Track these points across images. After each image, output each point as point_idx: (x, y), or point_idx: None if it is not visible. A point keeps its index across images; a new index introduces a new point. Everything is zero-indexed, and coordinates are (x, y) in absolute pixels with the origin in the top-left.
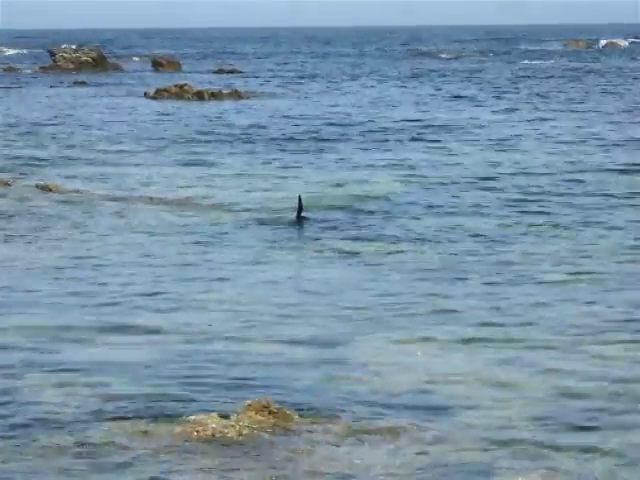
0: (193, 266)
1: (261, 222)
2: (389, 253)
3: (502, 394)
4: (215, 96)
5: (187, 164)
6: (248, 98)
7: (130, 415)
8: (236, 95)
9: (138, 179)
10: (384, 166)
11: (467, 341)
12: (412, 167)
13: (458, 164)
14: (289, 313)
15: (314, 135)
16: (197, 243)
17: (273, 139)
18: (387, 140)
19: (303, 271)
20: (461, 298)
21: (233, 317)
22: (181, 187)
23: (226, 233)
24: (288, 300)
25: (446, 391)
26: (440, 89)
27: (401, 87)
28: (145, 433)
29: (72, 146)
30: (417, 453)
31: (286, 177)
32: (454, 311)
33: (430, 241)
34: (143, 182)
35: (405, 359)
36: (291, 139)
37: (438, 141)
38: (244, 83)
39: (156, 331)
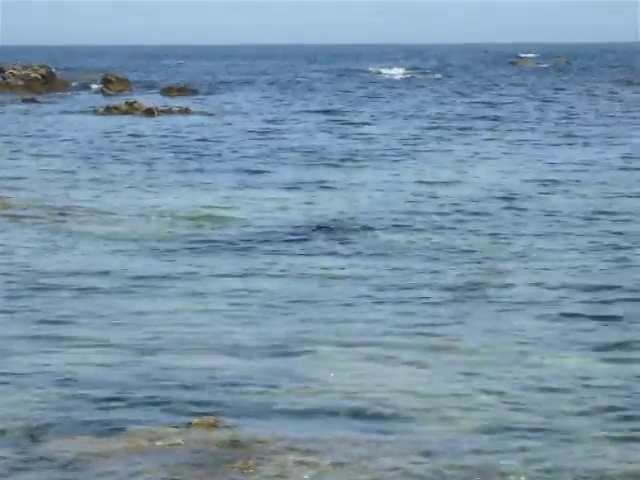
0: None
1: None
2: (351, 266)
3: (455, 406)
4: (165, 113)
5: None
6: (200, 114)
7: (76, 428)
8: (186, 112)
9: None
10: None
11: (422, 352)
12: None
13: None
14: (241, 324)
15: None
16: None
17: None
18: None
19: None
20: (420, 309)
21: (183, 328)
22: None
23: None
24: (242, 312)
25: (396, 403)
26: None
27: None
28: (91, 447)
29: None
30: (366, 467)
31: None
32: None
33: (394, 254)
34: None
35: (358, 370)
36: None
37: None
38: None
39: (103, 343)
